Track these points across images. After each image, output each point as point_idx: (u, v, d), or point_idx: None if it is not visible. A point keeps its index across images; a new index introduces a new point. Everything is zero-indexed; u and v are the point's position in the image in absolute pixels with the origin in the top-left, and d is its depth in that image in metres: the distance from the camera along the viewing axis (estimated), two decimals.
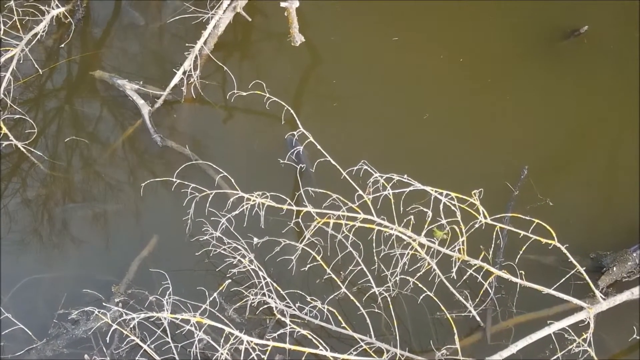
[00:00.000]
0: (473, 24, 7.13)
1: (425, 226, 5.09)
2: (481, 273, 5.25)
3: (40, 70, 6.64)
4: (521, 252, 5.10)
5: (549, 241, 5.02)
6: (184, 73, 6.55)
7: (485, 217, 5.01)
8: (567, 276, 5.28)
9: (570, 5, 7.12)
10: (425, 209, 5.02)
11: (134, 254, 6.00)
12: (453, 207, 4.99)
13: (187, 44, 6.58)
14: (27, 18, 6.58)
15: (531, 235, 5.00)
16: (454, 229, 5.06)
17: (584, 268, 5.25)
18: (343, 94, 6.73)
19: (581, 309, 5.28)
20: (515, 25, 7.08)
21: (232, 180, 5.44)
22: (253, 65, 6.89)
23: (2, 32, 6.33)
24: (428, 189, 5.04)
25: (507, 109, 6.71)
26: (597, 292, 5.34)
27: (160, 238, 6.10)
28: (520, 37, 7.02)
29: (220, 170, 5.62)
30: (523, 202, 6.07)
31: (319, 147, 5.39)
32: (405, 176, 5.10)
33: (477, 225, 5.03)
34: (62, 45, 6.89)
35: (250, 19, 6.82)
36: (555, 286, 5.26)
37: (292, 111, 5.63)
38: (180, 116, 6.68)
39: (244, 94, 5.97)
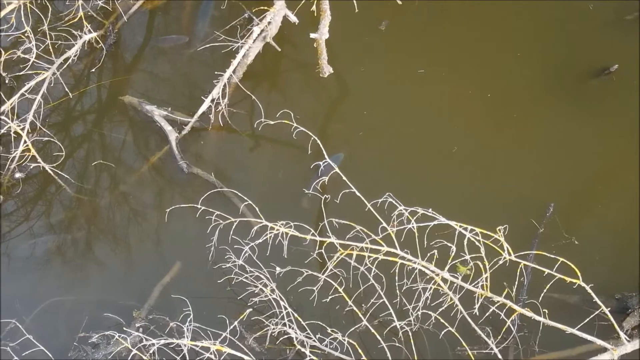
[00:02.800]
0: (501, 59, 7.12)
1: (449, 261, 5.07)
2: (504, 310, 5.20)
3: (70, 94, 6.69)
4: (545, 291, 5.06)
5: (574, 280, 4.98)
6: (212, 101, 6.58)
7: (509, 254, 4.98)
8: (592, 316, 5.23)
9: (601, 44, 7.10)
10: (449, 244, 5.00)
11: (156, 279, 6.03)
12: (477, 243, 4.97)
13: (216, 72, 6.61)
14: (60, 42, 6.66)
15: (555, 274, 4.96)
16: (478, 265, 5.03)
17: (609, 309, 5.20)
18: (369, 125, 6.73)
19: (605, 350, 5.22)
20: (545, 61, 7.06)
21: (257, 209, 5.45)
22: (281, 95, 6.91)
23: (34, 55, 6.40)
24: (452, 223, 5.03)
25: (533, 145, 6.67)
26: (621, 334, 5.28)
27: (183, 264, 6.11)
28: (549, 74, 6.99)
29: (245, 198, 5.64)
30: (548, 239, 6.04)
31: (344, 178, 5.39)
32: (430, 210, 5.09)
33: (501, 262, 5.00)
34: (93, 70, 6.95)
35: (279, 49, 6.86)
36: (579, 326, 5.20)
37: (318, 141, 5.64)
38: (207, 143, 6.71)
39: (271, 122, 6.00)
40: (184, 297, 5.57)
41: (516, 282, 5.29)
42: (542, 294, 5.12)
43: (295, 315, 5.45)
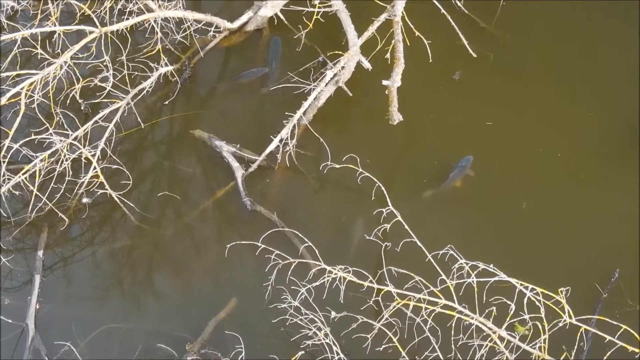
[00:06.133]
0: (572, 118, 7.05)
1: (507, 319, 4.98)
2: None
3: (142, 124, 6.81)
4: (605, 358, 4.93)
5: (636, 350, 4.84)
6: (281, 141, 6.63)
7: (570, 317, 4.88)
8: None
9: None
10: (508, 302, 4.92)
11: (211, 313, 6.04)
12: (537, 303, 4.88)
13: (286, 113, 6.67)
14: (136, 73, 6.79)
15: (617, 341, 4.84)
16: (537, 325, 4.93)
17: None
18: (436, 175, 6.70)
19: None
20: (617, 123, 6.97)
21: (316, 251, 5.44)
22: (349, 139, 6.92)
23: (111, 84, 6.53)
24: (513, 281, 4.96)
25: (602, 208, 6.56)
26: None
27: (239, 301, 6.12)
28: (620, 136, 6.89)
29: (305, 239, 5.64)
30: (611, 305, 5.91)
31: (406, 227, 5.35)
32: (491, 265, 5.03)
33: (561, 324, 4.90)
34: (166, 102, 7.07)
35: (351, 94, 6.89)
36: None
37: (382, 188, 5.62)
38: (272, 182, 6.74)
39: (337, 166, 6.01)
40: (237, 334, 5.57)
41: (575, 347, 5.18)
42: None
43: None
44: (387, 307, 5.27)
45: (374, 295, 5.44)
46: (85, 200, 6.46)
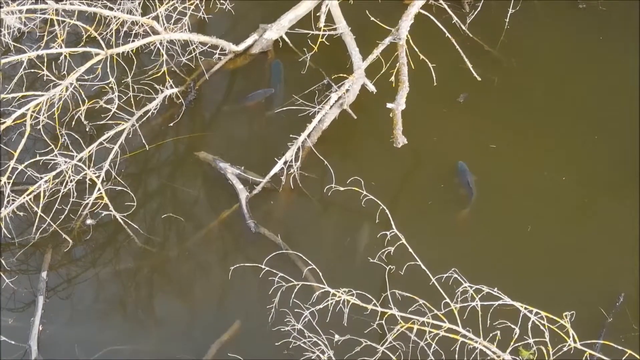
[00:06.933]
0: (578, 142, 7.05)
1: (511, 343, 4.95)
2: None
3: (147, 146, 6.82)
4: None
5: None
6: (285, 163, 6.64)
7: (575, 341, 4.85)
8: None
9: None
10: (512, 325, 4.89)
11: (215, 336, 6.02)
12: (542, 327, 4.85)
13: (291, 135, 6.68)
14: (142, 95, 6.81)
15: None
16: (541, 350, 4.90)
17: None
18: (441, 198, 6.70)
19: None
20: (619, 147, 6.96)
21: (320, 274, 5.43)
22: (353, 162, 6.92)
23: (116, 106, 6.56)
24: (518, 305, 4.93)
25: (607, 233, 6.54)
26: None
27: (242, 323, 6.10)
28: (624, 160, 6.89)
29: (309, 262, 5.62)
30: (616, 330, 5.88)
31: (410, 250, 5.34)
32: (496, 289, 5.01)
33: (565, 349, 4.87)
34: (171, 124, 7.08)
35: (355, 117, 6.91)
36: None
37: (387, 211, 5.61)
38: (276, 205, 6.74)
39: (341, 189, 6.00)
40: (240, 356, 5.55)
41: None
42: None
43: None
44: (390, 330, 5.24)
45: (378, 319, 5.41)
46: (89, 221, 6.46)
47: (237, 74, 7.54)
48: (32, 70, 6.46)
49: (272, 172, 6.66)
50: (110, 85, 6.50)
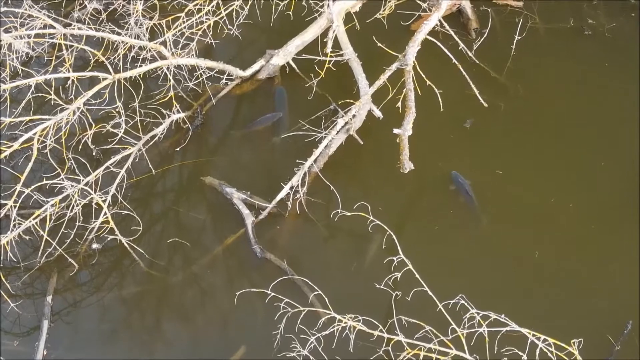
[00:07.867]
0: (583, 167, 7.05)
1: None
2: None
3: (153, 171, 6.82)
4: None
5: None
6: (292, 188, 6.64)
7: None
8: None
9: None
10: (520, 352, 4.87)
11: None
12: (549, 354, 4.83)
13: (297, 160, 6.68)
14: (148, 119, 6.83)
15: None
16: None
17: None
18: (449, 224, 6.68)
19: None
20: (626, 173, 6.95)
21: (326, 300, 5.41)
22: (359, 187, 6.92)
23: (123, 130, 6.57)
24: (525, 331, 4.91)
25: (615, 258, 6.52)
26: None
27: (247, 349, 6.07)
28: (631, 186, 6.87)
29: (316, 288, 5.61)
30: (624, 357, 5.83)
31: (417, 276, 5.32)
32: (503, 315, 4.99)
33: None
34: (178, 149, 7.09)
35: (362, 142, 6.91)
36: None
37: (393, 236, 5.60)
38: (282, 230, 6.73)
39: (348, 214, 5.99)
40: None
41: None
42: None
43: None
44: (397, 357, 5.22)
45: (384, 345, 5.38)
46: (95, 246, 6.45)
47: (243, 99, 7.56)
48: (40, 95, 6.48)
49: (278, 197, 6.66)
50: (117, 110, 6.52)
